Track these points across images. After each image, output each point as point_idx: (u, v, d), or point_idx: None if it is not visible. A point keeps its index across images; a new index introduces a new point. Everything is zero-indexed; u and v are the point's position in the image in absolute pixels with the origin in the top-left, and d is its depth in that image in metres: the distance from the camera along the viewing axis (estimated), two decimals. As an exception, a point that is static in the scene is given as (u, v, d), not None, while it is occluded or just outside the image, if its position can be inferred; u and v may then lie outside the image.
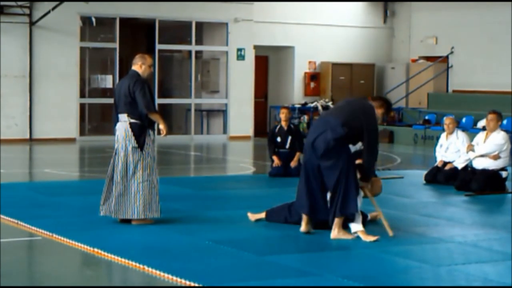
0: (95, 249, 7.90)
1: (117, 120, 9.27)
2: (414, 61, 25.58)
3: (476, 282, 6.94)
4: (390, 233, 8.63)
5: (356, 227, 8.55)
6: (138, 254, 7.67)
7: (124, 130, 9.15)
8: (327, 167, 8.49)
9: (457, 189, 12.39)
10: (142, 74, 9.31)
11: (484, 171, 12.36)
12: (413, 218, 10.06)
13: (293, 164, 13.81)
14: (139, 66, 9.34)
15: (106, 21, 22.32)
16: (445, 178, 13.06)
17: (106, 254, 7.72)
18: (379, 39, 26.24)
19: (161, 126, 9.19)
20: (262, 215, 9.36)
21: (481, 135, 12.71)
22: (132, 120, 9.13)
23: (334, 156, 8.44)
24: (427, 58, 25.17)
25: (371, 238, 8.42)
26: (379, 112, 8.82)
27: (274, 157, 13.92)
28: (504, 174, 12.49)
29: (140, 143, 9.12)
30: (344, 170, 8.44)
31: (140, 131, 9.13)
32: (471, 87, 23.59)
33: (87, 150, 20.06)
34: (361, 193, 8.72)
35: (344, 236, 8.51)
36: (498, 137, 12.39)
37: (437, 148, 13.91)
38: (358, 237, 8.52)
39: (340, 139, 8.42)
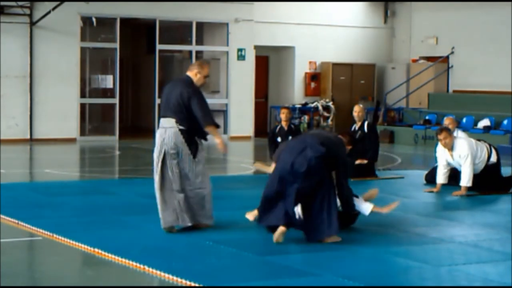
0: (96, 249, 7.90)
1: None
2: (414, 61, 25.58)
3: (477, 282, 6.95)
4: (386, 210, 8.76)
5: (366, 208, 8.57)
6: (138, 254, 7.67)
7: (174, 136, 8.79)
8: (308, 186, 8.25)
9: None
10: (196, 83, 8.95)
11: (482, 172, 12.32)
12: (414, 218, 10.06)
13: (293, 164, 13.80)
14: (194, 74, 8.96)
15: (107, 21, 22.32)
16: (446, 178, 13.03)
17: (106, 254, 7.73)
18: (379, 39, 26.24)
19: (218, 141, 8.88)
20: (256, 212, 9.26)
21: (444, 153, 12.42)
22: (181, 127, 8.79)
23: (316, 176, 8.24)
24: (428, 58, 25.17)
25: (386, 209, 8.61)
26: (347, 148, 8.92)
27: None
28: (493, 158, 12.38)
29: (193, 150, 8.82)
30: (326, 191, 8.29)
31: (191, 138, 8.81)
32: (471, 87, 23.59)
33: (88, 150, 20.06)
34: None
35: (333, 239, 8.45)
36: (463, 150, 12.19)
37: (438, 148, 13.88)
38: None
39: (320, 158, 8.23)
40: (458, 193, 12.07)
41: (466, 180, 12.07)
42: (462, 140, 12.34)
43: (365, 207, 8.69)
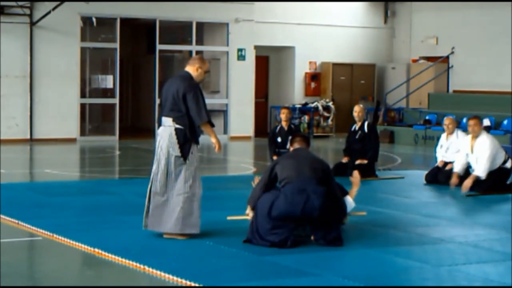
0: (96, 249, 7.90)
1: (160, 123, 8.54)
2: (414, 61, 25.58)
3: (477, 282, 6.94)
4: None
5: (350, 203, 8.70)
6: (138, 254, 7.67)
7: (168, 136, 8.36)
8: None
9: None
10: (196, 78, 8.51)
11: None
12: (414, 218, 10.06)
13: (293, 164, 13.79)
14: (195, 68, 8.54)
15: (107, 21, 22.32)
16: (446, 178, 12.98)
17: (106, 254, 7.73)
18: (379, 39, 26.24)
19: (213, 140, 8.47)
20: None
21: (466, 142, 12.46)
22: (177, 126, 8.36)
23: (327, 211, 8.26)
24: (428, 58, 25.17)
25: (356, 186, 8.85)
26: None
27: (275, 157, 13.91)
28: (508, 164, 12.38)
29: (184, 152, 8.33)
30: (334, 209, 8.35)
31: (185, 139, 8.34)
32: (471, 87, 23.59)
33: (88, 150, 20.06)
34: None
35: None
36: (485, 143, 12.19)
37: (438, 148, 13.91)
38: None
39: (326, 197, 8.17)
40: (467, 182, 11.96)
41: (481, 170, 12.02)
42: (487, 135, 12.34)
43: (349, 202, 8.70)
